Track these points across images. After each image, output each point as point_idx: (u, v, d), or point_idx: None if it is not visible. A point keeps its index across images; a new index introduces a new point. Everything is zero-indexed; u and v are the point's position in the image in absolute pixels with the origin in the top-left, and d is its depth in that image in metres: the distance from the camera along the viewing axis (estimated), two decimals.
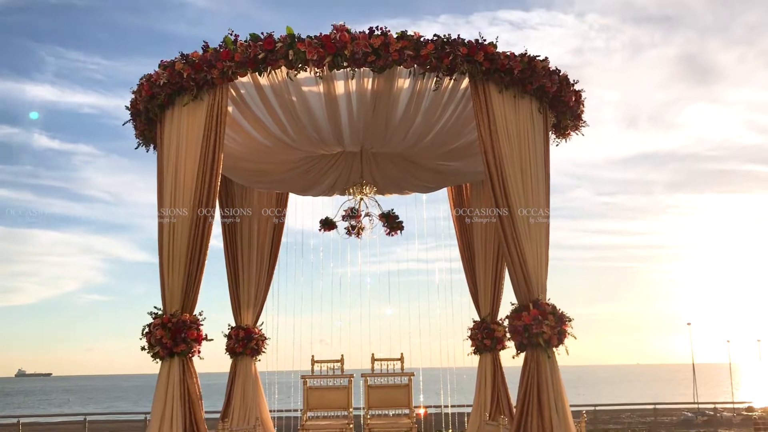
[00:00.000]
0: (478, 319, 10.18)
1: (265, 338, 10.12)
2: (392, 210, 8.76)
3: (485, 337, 9.90)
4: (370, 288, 11.15)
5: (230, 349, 9.88)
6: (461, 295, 10.56)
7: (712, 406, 23.37)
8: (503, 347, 9.96)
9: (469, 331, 10.18)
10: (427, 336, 10.93)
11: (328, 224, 8.88)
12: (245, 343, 9.81)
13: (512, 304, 7.06)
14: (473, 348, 10.11)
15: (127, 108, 7.81)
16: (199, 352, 7.04)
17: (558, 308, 6.92)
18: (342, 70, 6.63)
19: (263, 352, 10.07)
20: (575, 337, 6.95)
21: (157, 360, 6.90)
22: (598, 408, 20.23)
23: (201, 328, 7.00)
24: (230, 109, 7.40)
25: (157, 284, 7.12)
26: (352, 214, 8.50)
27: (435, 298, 10.78)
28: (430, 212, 10.64)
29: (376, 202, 9.01)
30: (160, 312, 6.94)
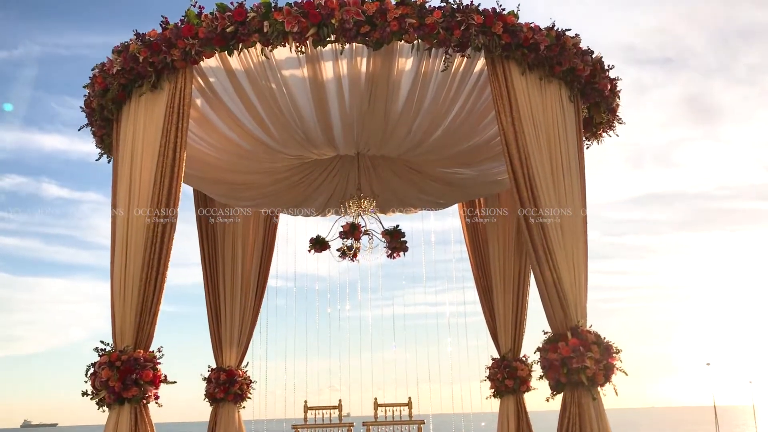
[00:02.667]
0: (497, 356, 8.79)
1: (251, 382, 8.74)
2: (397, 226, 7.45)
3: (506, 377, 8.48)
4: (371, 330, 9.82)
5: (210, 395, 8.51)
6: (477, 338, 9.24)
7: None
8: (528, 389, 8.56)
9: (487, 371, 8.77)
10: (437, 380, 9.53)
11: (319, 244, 7.56)
12: (227, 387, 8.45)
13: (545, 333, 5.70)
14: (492, 390, 8.69)
15: (82, 109, 6.60)
16: (156, 397, 5.66)
17: (603, 337, 5.55)
18: (329, 46, 5.42)
19: (248, 397, 8.69)
20: (626, 373, 5.56)
21: (104, 408, 5.54)
22: None
23: (159, 367, 5.64)
24: (198, 102, 6.19)
25: (164, 331, 5.89)
26: (351, 230, 7.17)
27: (446, 339, 9.45)
28: (438, 250, 9.41)
29: (377, 219, 7.71)
30: (108, 348, 5.60)
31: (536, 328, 8.93)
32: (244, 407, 8.66)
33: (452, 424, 9.72)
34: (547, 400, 5.72)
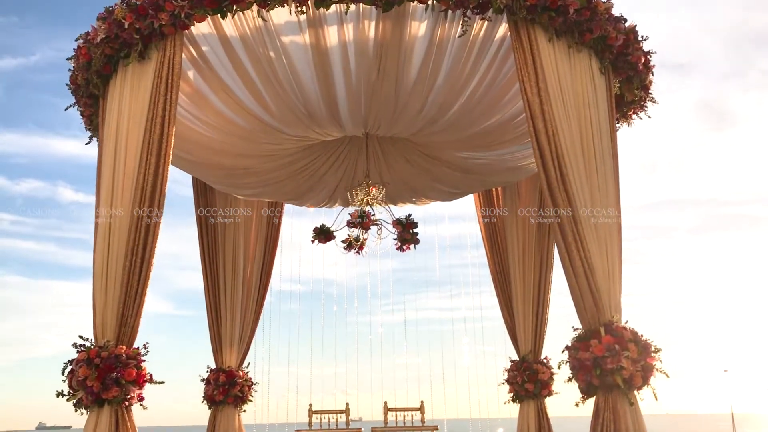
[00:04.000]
0: (516, 358, 8.17)
1: (252, 383, 8.17)
2: (409, 215, 6.82)
3: (527, 381, 7.87)
4: (382, 334, 9.26)
5: (209, 397, 7.95)
6: (494, 343, 8.65)
7: None
8: (550, 393, 7.93)
9: (506, 374, 8.15)
10: (451, 384, 8.94)
11: (324, 234, 6.95)
12: (227, 389, 7.90)
13: (575, 330, 5.07)
14: (512, 395, 8.07)
15: (67, 86, 6.06)
16: (141, 399, 5.09)
17: (640, 334, 4.93)
18: (333, 7, 4.85)
19: (249, 400, 8.12)
20: (667, 375, 4.93)
21: (82, 411, 4.98)
22: None
23: (144, 365, 5.07)
24: (190, 74, 5.64)
25: (178, 335, 5.33)
26: (360, 219, 6.54)
27: (461, 341, 8.86)
28: (452, 255, 8.87)
29: (387, 209, 7.09)
30: (87, 344, 5.04)
31: (557, 330, 8.36)
32: (245, 411, 8.11)
33: (467, 430, 9.10)
34: (577, 405, 5.09)
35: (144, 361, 5.08)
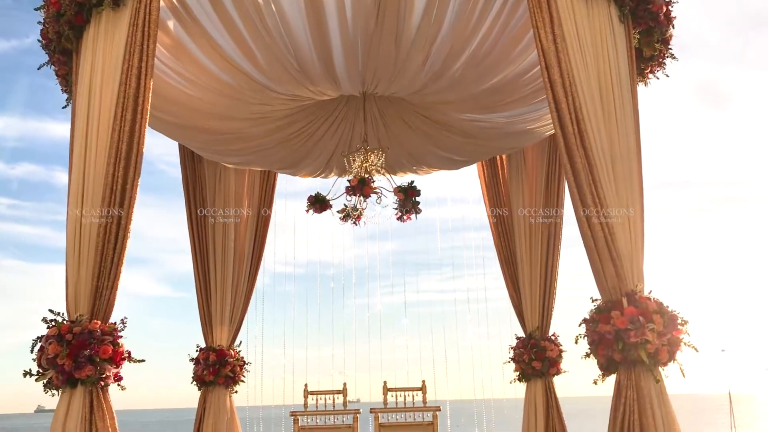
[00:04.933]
0: (522, 335, 7.76)
1: (244, 363, 7.74)
2: (412, 182, 6.35)
3: (534, 359, 7.45)
4: (381, 316, 8.86)
5: (198, 378, 7.52)
6: (499, 323, 8.23)
7: None
8: (558, 372, 7.52)
9: (512, 351, 7.73)
10: (454, 365, 8.54)
11: (319, 202, 6.48)
12: (217, 369, 7.46)
13: (593, 301, 4.62)
14: (517, 374, 7.66)
15: (39, 41, 5.56)
16: (119, 379, 4.66)
17: (666, 305, 4.49)
18: None
19: (241, 381, 7.70)
20: (696, 349, 4.50)
21: (53, 392, 4.54)
22: None
23: (121, 341, 4.62)
24: (170, 24, 5.13)
25: (174, 318, 4.95)
26: (359, 186, 6.06)
27: (463, 322, 8.46)
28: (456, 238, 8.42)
29: (388, 178, 6.62)
30: (59, 318, 4.58)
31: (564, 309, 7.96)
32: (236, 392, 7.69)
33: (471, 411, 8.71)
34: (595, 383, 4.66)
35: (121, 337, 4.63)
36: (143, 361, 4.86)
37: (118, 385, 4.65)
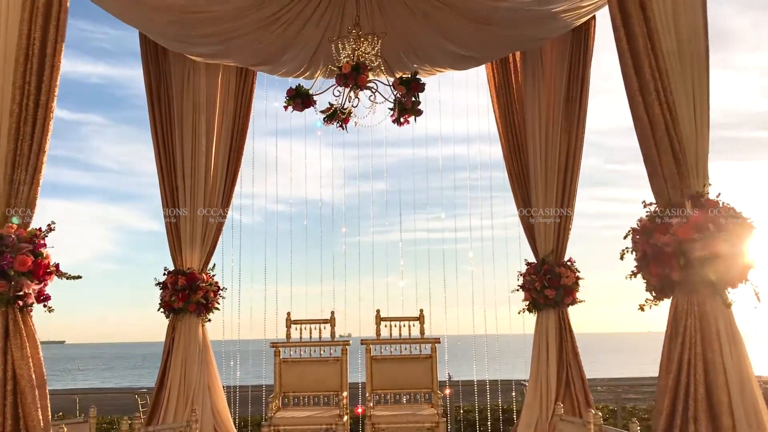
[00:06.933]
0: (533, 260, 6.84)
1: (219, 288, 6.83)
2: (416, 74, 5.27)
3: (547, 286, 6.54)
4: (374, 252, 7.95)
5: (166, 304, 6.63)
6: (505, 257, 7.30)
7: None
8: (574, 301, 6.65)
9: (521, 278, 6.83)
10: (453, 300, 7.65)
11: (301, 97, 5.40)
12: (187, 294, 6.55)
13: (646, 206, 3.66)
14: (527, 303, 6.77)
15: None
16: (45, 299, 3.71)
17: (739, 211, 3.53)
18: None
19: (216, 308, 6.80)
20: None
21: None
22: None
23: (46, 251, 3.65)
24: None
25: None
26: (354, 73, 4.97)
27: (464, 258, 7.55)
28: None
29: (382, 69, 5.55)
30: None
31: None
32: (209, 320, 6.80)
33: (471, 346, 7.86)
34: (642, 309, 3.75)
35: (45, 246, 3.66)
36: (79, 277, 3.91)
37: (45, 306, 3.71)
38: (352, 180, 8.00)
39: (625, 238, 3.70)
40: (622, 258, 3.70)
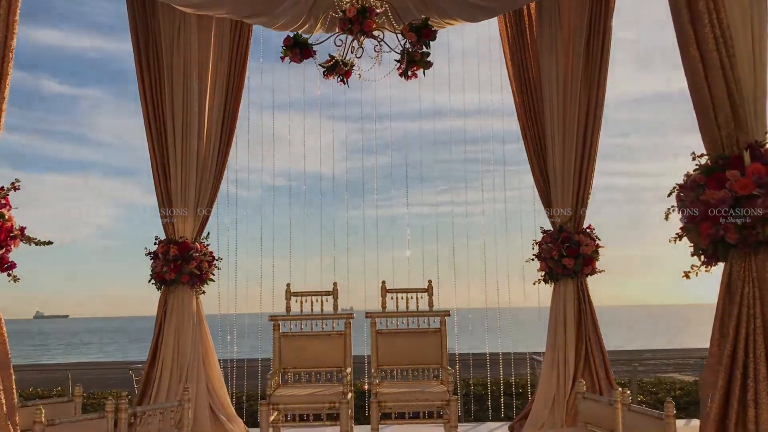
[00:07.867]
0: (549, 228, 6.40)
1: (214, 258, 6.40)
2: (427, 19, 4.77)
3: (565, 255, 6.11)
4: (377, 226, 7.50)
5: (157, 276, 6.22)
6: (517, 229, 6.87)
7: None
8: (593, 271, 6.22)
9: (536, 247, 6.39)
10: (464, 273, 7.20)
11: (299, 47, 4.88)
12: (180, 265, 6.12)
13: (695, 158, 3.20)
14: (543, 273, 6.34)
15: None
16: (10, 267, 3.27)
17: None
18: None
19: (210, 280, 6.39)
20: None
21: None
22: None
23: (9, 214, 3.20)
24: None
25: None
26: (359, 18, 4.47)
27: (475, 232, 7.13)
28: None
29: (388, 13, 5.05)
30: None
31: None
32: (203, 292, 6.38)
33: (482, 319, 7.44)
34: (687, 277, 3.30)
35: (9, 207, 3.22)
36: (50, 243, 3.46)
37: (9, 275, 3.27)
38: (354, 154, 7.52)
39: (669, 195, 3.24)
40: (666, 218, 3.23)
